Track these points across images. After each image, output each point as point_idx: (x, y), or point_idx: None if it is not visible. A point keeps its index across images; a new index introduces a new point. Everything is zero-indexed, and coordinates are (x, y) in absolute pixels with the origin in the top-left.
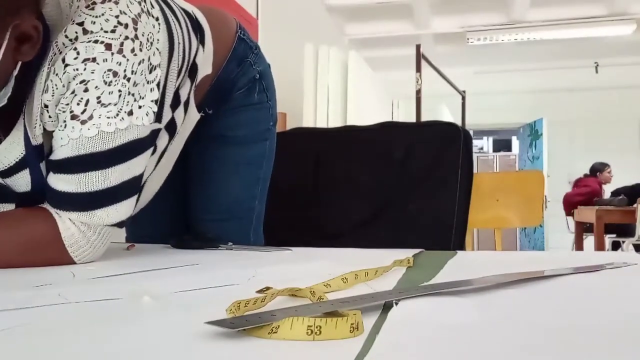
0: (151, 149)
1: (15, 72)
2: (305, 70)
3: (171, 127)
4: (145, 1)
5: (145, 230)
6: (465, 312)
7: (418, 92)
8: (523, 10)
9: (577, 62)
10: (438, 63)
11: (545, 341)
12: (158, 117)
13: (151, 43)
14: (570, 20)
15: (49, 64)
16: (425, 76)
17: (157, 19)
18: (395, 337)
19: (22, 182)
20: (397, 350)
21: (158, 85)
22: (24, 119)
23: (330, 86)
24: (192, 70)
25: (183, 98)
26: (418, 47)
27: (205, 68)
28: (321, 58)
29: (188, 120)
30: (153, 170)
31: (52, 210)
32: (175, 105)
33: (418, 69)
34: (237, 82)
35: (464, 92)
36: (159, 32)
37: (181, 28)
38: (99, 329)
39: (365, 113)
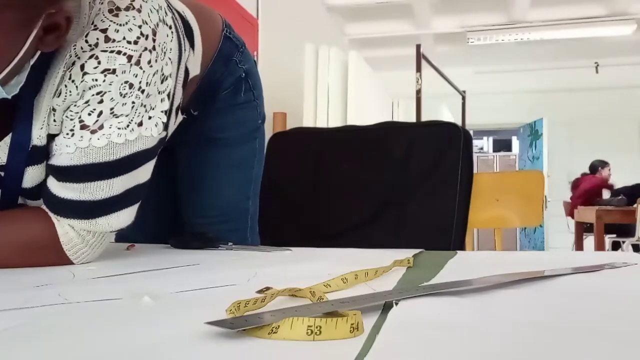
0: (156, 158)
1: (33, 62)
2: (305, 70)
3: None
4: (161, 8)
5: (132, 231)
6: (465, 312)
7: (418, 92)
8: (523, 10)
9: (577, 62)
10: (438, 63)
11: (545, 341)
12: (166, 126)
13: (164, 53)
14: (570, 20)
15: (64, 67)
16: (425, 76)
17: (170, 27)
18: (395, 337)
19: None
20: (397, 350)
21: (168, 95)
22: (30, 116)
23: (330, 86)
24: (184, 74)
25: (176, 103)
26: (418, 47)
27: (194, 70)
28: (321, 58)
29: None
30: None
31: (51, 214)
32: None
33: (418, 69)
34: (223, 82)
35: (464, 92)
36: (171, 40)
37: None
38: (99, 329)
39: (365, 113)
